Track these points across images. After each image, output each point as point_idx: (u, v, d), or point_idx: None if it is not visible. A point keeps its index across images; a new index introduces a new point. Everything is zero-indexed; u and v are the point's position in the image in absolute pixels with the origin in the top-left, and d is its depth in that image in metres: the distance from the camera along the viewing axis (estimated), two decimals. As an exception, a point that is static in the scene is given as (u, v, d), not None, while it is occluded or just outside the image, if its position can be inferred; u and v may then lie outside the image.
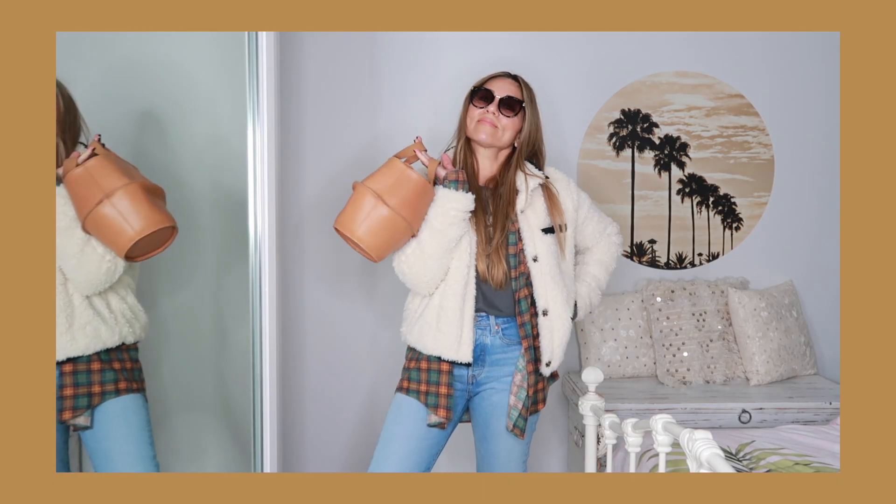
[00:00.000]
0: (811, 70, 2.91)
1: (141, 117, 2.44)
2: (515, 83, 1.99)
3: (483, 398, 1.97)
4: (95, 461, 1.87)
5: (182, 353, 2.54)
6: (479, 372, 1.95)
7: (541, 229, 1.94)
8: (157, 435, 2.51)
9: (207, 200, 2.48)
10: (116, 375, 1.88)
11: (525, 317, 1.92)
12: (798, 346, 2.80)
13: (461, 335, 1.90)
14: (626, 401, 2.47)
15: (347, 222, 1.84)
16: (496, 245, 1.90)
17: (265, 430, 2.02)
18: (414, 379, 1.96)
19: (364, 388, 2.82)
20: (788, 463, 1.98)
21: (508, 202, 1.93)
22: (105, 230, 1.75)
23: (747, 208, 2.94)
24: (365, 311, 2.80)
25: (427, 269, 1.89)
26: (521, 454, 2.02)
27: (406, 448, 1.91)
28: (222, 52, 2.44)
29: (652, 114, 2.87)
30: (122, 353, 1.91)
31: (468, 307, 1.90)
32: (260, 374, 2.01)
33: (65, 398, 1.83)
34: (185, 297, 2.53)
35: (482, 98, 1.95)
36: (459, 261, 1.90)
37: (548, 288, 1.92)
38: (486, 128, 1.93)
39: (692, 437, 1.43)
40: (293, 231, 2.74)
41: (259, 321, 2.00)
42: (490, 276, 1.91)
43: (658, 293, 2.77)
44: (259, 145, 1.98)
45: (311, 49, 2.72)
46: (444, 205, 1.87)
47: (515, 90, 1.97)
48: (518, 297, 1.92)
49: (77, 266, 1.78)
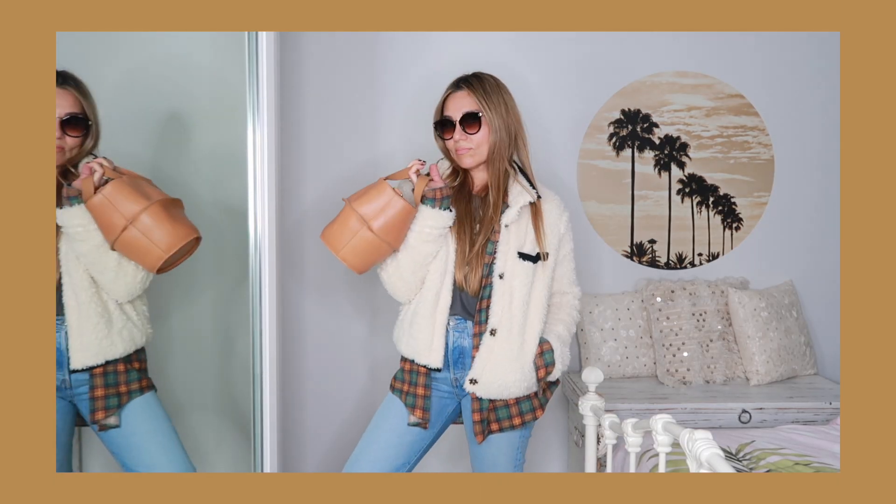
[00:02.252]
0: (811, 70, 2.91)
1: (141, 119, 2.44)
2: (467, 93, 1.90)
3: (469, 400, 1.96)
4: (125, 458, 1.92)
5: (185, 356, 2.55)
6: (461, 375, 1.94)
7: (517, 251, 1.90)
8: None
9: (209, 203, 2.48)
10: (139, 375, 1.96)
11: (482, 327, 1.91)
12: (798, 346, 2.80)
13: (432, 340, 1.91)
14: (626, 401, 2.47)
15: (333, 240, 1.91)
16: (477, 251, 1.90)
17: (265, 431, 2.02)
18: (399, 378, 2.00)
19: (362, 390, 2.82)
20: (788, 463, 1.98)
21: (494, 211, 1.92)
22: (135, 252, 1.83)
23: (747, 208, 2.94)
24: (363, 314, 2.81)
25: (403, 281, 1.94)
26: (510, 458, 1.99)
27: (387, 441, 1.95)
28: (224, 55, 2.44)
29: (652, 114, 2.87)
30: (140, 354, 1.99)
31: (440, 313, 1.91)
32: (260, 376, 2.01)
33: (96, 399, 1.89)
34: (188, 299, 2.54)
35: (445, 127, 1.93)
36: (435, 269, 1.92)
37: (503, 308, 1.89)
38: (464, 156, 1.92)
39: (692, 437, 1.43)
40: (293, 234, 2.74)
41: (259, 324, 2.01)
42: (466, 284, 1.91)
43: (658, 293, 2.77)
44: (259, 146, 1.97)
45: (311, 49, 2.72)
46: (420, 222, 1.89)
47: (469, 103, 1.90)
48: (480, 306, 1.91)
49: (115, 279, 1.87)
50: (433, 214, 1.88)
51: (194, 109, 2.48)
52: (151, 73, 2.44)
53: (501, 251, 1.90)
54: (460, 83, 1.94)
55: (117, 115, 2.26)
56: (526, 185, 1.95)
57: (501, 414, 1.94)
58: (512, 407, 1.94)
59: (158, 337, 2.43)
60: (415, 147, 2.73)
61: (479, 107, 1.89)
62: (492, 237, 1.91)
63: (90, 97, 1.90)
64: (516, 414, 1.94)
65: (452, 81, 1.97)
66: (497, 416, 1.94)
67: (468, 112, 1.90)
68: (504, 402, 1.93)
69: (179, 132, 2.48)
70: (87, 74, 1.93)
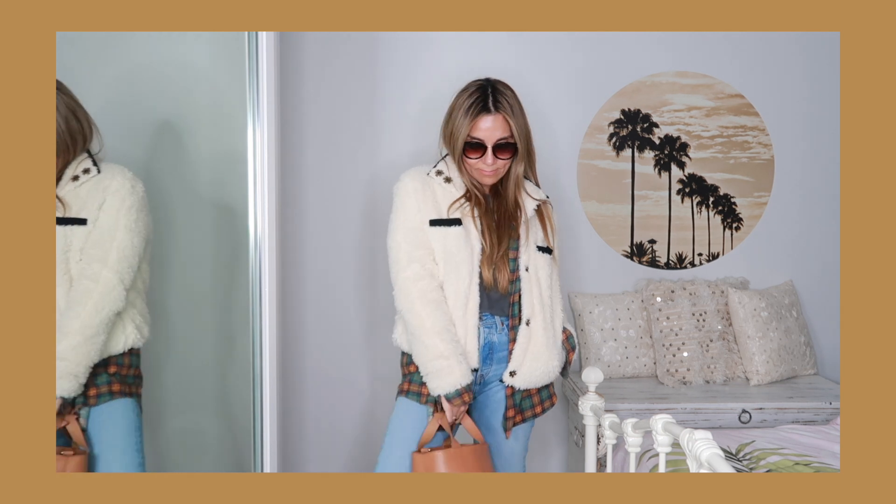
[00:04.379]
0: (811, 70, 2.91)
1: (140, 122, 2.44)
2: (503, 119, 1.89)
3: (487, 396, 2.01)
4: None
5: (184, 357, 2.54)
6: (487, 371, 1.98)
7: (536, 245, 1.98)
8: (159, 435, 2.51)
9: (209, 204, 2.48)
10: (109, 379, 1.89)
11: (515, 320, 1.95)
12: (798, 345, 2.80)
13: (466, 342, 1.92)
14: (626, 401, 2.47)
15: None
16: (504, 250, 1.95)
17: (265, 431, 2.02)
18: (416, 381, 1.97)
19: (363, 391, 2.82)
20: (788, 463, 1.98)
21: (514, 210, 1.98)
22: None
23: (747, 208, 2.94)
24: (363, 315, 2.80)
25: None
26: (525, 447, 2.07)
27: (410, 448, 1.92)
28: (224, 55, 2.44)
29: (652, 114, 2.87)
30: (121, 359, 1.93)
31: (471, 315, 1.92)
32: (260, 377, 2.01)
33: None
34: (188, 301, 2.53)
35: (474, 148, 1.91)
36: (460, 274, 1.91)
37: (534, 299, 1.95)
38: (489, 177, 1.95)
39: (692, 437, 1.43)
40: (294, 235, 2.74)
41: (259, 325, 2.00)
42: (496, 283, 1.94)
43: (658, 293, 2.77)
44: (259, 146, 1.97)
45: (311, 49, 2.72)
46: (437, 381, 1.86)
47: (503, 129, 1.89)
48: (512, 300, 1.96)
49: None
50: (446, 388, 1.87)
51: (193, 111, 2.48)
52: (150, 75, 2.43)
53: (524, 246, 1.97)
54: (495, 105, 1.89)
55: (116, 117, 2.26)
56: (532, 188, 2.02)
57: (525, 404, 2.00)
58: (534, 396, 2.00)
59: (157, 338, 2.42)
60: (415, 146, 2.73)
61: (511, 133, 1.90)
62: (512, 234, 1.97)
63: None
64: (538, 402, 2.02)
65: (476, 95, 1.89)
66: (522, 407, 1.99)
67: (502, 140, 1.90)
68: (528, 391, 1.99)
69: (178, 134, 2.48)
70: (85, 77, 1.92)
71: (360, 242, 2.78)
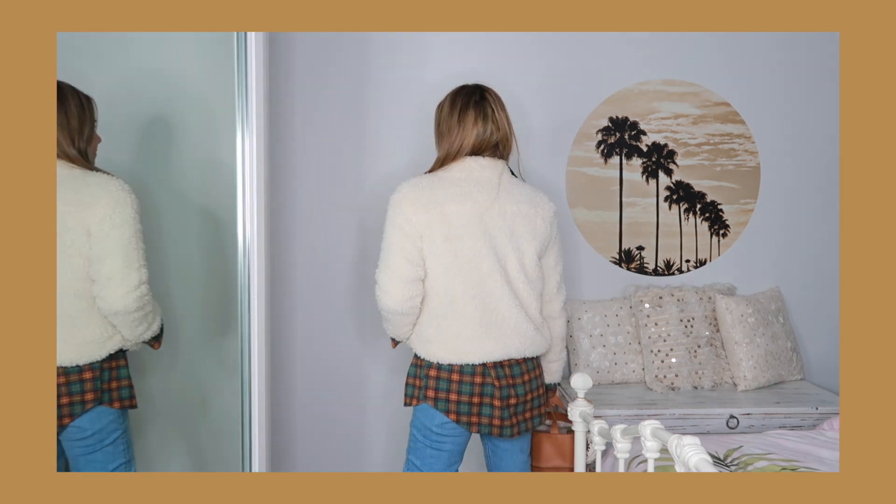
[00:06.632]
0: (796, 79, 2.94)
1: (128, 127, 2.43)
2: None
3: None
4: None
5: (172, 362, 2.53)
6: None
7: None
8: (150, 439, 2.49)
9: (197, 210, 2.47)
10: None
11: None
12: (785, 351, 2.82)
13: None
14: (615, 407, 2.48)
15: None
16: None
17: (254, 434, 2.01)
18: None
19: (352, 396, 2.81)
20: (776, 468, 1.99)
21: None
22: None
23: (734, 215, 2.96)
24: (353, 321, 2.80)
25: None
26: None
27: None
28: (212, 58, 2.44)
29: (640, 121, 2.88)
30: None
31: None
32: (249, 383, 2.01)
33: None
34: (176, 307, 2.51)
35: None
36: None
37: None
38: None
39: (680, 443, 1.43)
40: (283, 240, 2.73)
41: (248, 331, 2.00)
42: None
43: (646, 299, 2.78)
44: (248, 152, 1.97)
45: (301, 50, 2.72)
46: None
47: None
48: None
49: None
50: None
51: (181, 116, 2.47)
52: (139, 80, 2.42)
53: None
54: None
55: (106, 122, 2.25)
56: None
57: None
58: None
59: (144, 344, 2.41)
60: (405, 150, 2.74)
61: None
62: None
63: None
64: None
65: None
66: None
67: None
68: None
69: (167, 139, 2.47)
70: (72, 82, 1.92)
71: (350, 247, 2.78)
